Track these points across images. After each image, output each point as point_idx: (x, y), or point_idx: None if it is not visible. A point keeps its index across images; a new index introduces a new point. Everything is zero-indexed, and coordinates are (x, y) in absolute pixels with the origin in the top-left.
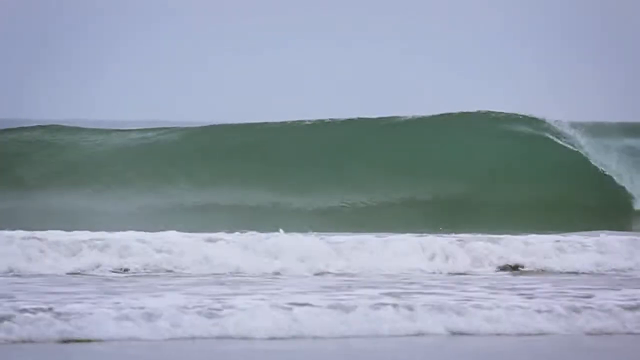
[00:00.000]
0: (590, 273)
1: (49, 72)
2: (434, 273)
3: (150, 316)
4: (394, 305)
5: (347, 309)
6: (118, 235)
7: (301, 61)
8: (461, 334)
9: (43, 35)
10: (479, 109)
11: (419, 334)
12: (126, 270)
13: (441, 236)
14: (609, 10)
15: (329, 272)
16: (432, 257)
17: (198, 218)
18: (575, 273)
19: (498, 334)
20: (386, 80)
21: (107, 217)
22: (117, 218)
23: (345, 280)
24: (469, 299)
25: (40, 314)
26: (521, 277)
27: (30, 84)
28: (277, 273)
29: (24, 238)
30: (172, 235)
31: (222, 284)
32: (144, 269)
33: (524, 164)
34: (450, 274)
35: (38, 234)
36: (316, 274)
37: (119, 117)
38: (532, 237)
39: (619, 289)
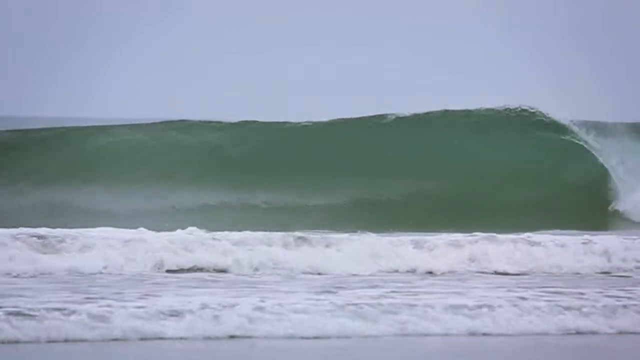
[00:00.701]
0: (576, 273)
1: (54, 69)
2: (429, 273)
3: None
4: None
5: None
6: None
7: (301, 61)
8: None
9: (49, 32)
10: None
11: (407, 335)
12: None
13: (434, 235)
14: (609, 10)
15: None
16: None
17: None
18: (559, 273)
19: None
20: (385, 81)
21: (114, 215)
22: (124, 215)
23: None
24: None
25: (55, 314)
26: (509, 276)
27: (35, 81)
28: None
29: (34, 235)
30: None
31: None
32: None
33: (509, 162)
34: (443, 273)
35: (58, 231)
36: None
37: (125, 115)
38: (526, 237)
39: (607, 288)
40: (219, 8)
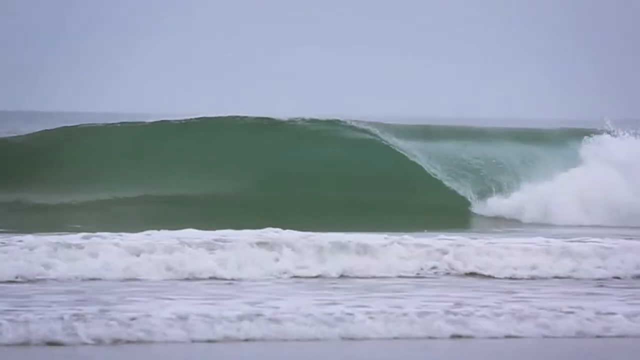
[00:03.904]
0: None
1: (64, 65)
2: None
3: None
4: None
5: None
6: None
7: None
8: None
9: (58, 28)
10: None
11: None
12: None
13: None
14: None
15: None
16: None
17: None
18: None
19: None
20: (379, 81)
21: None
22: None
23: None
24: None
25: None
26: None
27: (44, 78)
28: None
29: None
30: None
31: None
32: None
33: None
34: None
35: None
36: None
37: (133, 109)
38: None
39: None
40: (227, 9)
